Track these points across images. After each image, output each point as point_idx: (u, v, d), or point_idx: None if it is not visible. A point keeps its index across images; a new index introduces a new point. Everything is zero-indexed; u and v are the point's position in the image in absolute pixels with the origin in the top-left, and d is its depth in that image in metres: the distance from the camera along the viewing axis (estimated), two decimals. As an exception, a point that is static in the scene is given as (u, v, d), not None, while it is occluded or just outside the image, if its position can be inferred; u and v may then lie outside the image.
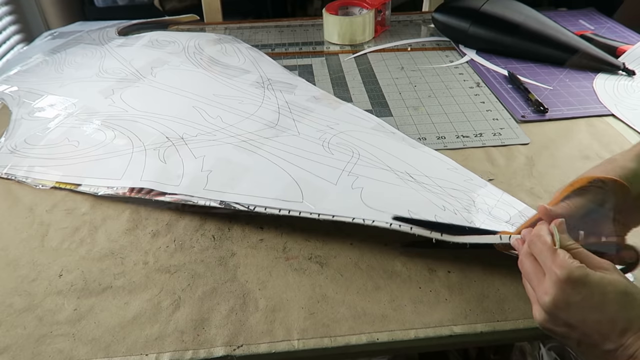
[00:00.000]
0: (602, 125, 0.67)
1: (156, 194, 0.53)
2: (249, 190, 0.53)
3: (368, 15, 0.93)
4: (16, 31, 1.20)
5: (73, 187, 0.57)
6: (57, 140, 0.63)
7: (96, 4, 1.46)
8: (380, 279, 0.46)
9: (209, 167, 0.56)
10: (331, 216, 0.48)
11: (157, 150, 0.60)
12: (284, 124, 0.64)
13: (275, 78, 0.78)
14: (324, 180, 0.53)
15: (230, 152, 0.59)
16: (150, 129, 0.64)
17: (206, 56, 0.84)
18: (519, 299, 0.43)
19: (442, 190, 0.52)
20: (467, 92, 0.76)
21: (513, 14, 0.84)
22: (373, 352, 0.42)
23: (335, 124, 0.64)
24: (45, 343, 0.41)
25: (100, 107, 0.69)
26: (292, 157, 0.57)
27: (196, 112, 0.67)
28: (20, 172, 0.59)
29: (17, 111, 0.71)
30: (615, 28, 0.96)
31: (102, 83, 0.76)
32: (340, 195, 0.51)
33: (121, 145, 0.61)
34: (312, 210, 0.49)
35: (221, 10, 1.11)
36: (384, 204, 0.49)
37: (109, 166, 0.58)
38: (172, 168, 0.56)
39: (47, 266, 0.48)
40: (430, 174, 0.54)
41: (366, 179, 0.53)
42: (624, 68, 0.78)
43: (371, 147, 0.59)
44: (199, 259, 0.48)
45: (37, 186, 0.57)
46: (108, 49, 0.87)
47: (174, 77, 0.77)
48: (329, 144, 0.60)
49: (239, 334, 0.41)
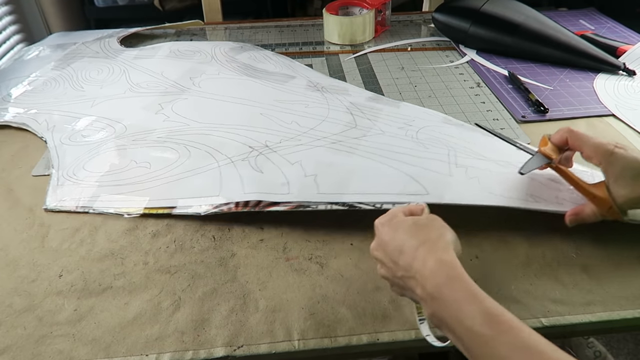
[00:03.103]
0: (602, 125, 0.67)
1: (266, 205, 0.51)
2: (364, 189, 0.52)
3: (368, 15, 0.93)
4: (16, 31, 1.20)
5: (167, 211, 0.53)
6: (122, 165, 0.59)
7: (96, 3, 1.46)
8: (380, 279, 0.45)
9: (312, 172, 0.55)
10: (466, 204, 0.49)
11: (245, 161, 0.57)
12: (362, 124, 0.64)
13: (323, 81, 0.77)
14: (437, 173, 0.54)
15: (326, 154, 0.58)
16: (227, 140, 0.61)
17: (241, 64, 0.82)
18: (519, 299, 0.43)
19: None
20: (467, 92, 0.76)
21: (513, 14, 0.84)
22: (373, 353, 0.42)
23: (411, 121, 0.65)
24: (45, 343, 0.41)
25: (155, 123, 0.66)
26: (392, 154, 0.57)
27: (267, 119, 0.66)
28: (98, 204, 0.54)
29: (53, 136, 0.66)
30: (616, 28, 0.96)
31: (143, 98, 0.72)
32: (461, 185, 0.52)
33: (202, 161, 0.58)
34: (442, 201, 0.50)
35: (221, 10, 1.11)
36: (505, 188, 0.51)
37: (198, 183, 0.55)
38: (272, 177, 0.55)
39: (47, 266, 0.48)
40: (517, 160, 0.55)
41: (475, 169, 0.54)
42: (625, 68, 0.78)
43: (458, 140, 0.60)
44: (199, 259, 0.48)
45: (124, 215, 0.53)
46: (124, 62, 0.84)
47: (221, 86, 0.75)
48: (418, 140, 0.60)
49: (239, 334, 0.41)
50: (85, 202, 0.55)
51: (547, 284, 0.45)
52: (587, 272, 0.46)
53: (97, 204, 0.54)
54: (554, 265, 0.46)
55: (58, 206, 0.55)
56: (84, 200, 0.55)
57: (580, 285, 0.45)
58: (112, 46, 0.91)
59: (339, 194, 0.52)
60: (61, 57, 0.88)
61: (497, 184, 0.52)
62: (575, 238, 0.49)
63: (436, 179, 0.53)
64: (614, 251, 0.48)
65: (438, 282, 0.35)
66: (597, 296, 0.44)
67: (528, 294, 0.44)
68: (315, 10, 1.60)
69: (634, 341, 1.10)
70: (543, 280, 0.45)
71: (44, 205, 0.55)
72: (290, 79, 0.78)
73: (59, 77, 0.81)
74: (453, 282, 0.34)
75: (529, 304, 0.43)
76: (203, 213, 0.52)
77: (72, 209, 0.54)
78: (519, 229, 0.50)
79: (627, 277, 0.45)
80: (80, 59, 0.87)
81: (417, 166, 0.55)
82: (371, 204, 0.50)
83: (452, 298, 0.34)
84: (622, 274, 0.46)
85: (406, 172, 0.54)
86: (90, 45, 0.92)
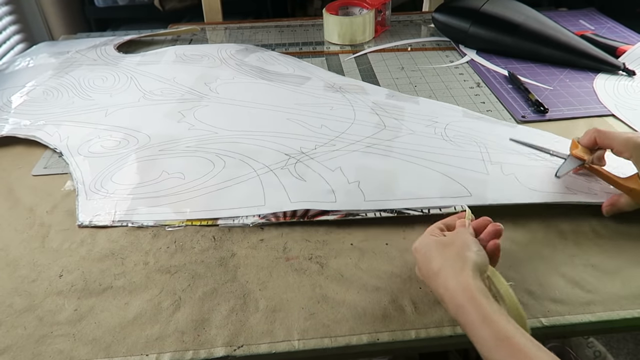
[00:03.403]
0: (602, 125, 0.67)
1: (315, 214, 0.51)
2: (408, 194, 0.52)
3: (368, 15, 0.93)
4: (16, 31, 1.20)
5: (210, 223, 0.51)
6: (153, 176, 0.57)
7: (96, 3, 1.46)
8: (380, 279, 0.46)
9: (354, 178, 0.55)
10: (509, 203, 0.51)
11: (284, 169, 0.56)
12: (391, 125, 0.65)
13: (338, 81, 0.77)
14: (475, 171, 0.55)
15: (364, 159, 0.58)
16: (260, 148, 0.60)
17: (252, 66, 0.82)
18: (519, 299, 0.43)
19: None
20: (467, 92, 0.76)
21: (513, 14, 0.84)
22: (373, 353, 0.42)
23: (435, 117, 0.66)
24: (46, 343, 0.41)
25: (179, 132, 0.65)
26: (427, 155, 0.58)
27: (295, 124, 0.65)
28: (137, 217, 0.52)
29: (69, 148, 0.63)
30: (616, 28, 0.96)
31: (160, 106, 0.71)
32: (499, 183, 0.53)
33: (238, 170, 0.57)
34: (486, 202, 0.51)
35: (221, 10, 1.11)
36: (543, 183, 0.53)
37: (239, 194, 0.54)
38: (315, 185, 0.54)
39: (48, 267, 0.48)
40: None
41: (509, 165, 0.56)
42: (624, 68, 0.78)
43: (485, 134, 0.62)
44: (199, 259, 0.48)
45: (166, 228, 0.51)
46: (128, 69, 0.82)
47: (238, 91, 0.74)
48: (448, 138, 0.61)
49: (239, 334, 0.41)
50: (122, 216, 0.52)
51: (547, 283, 0.45)
52: (587, 272, 0.46)
53: (135, 217, 0.52)
54: (554, 265, 0.47)
55: (94, 221, 0.52)
56: (120, 213, 0.53)
57: (580, 285, 0.45)
58: (110, 53, 0.89)
59: (385, 200, 0.52)
60: (56, 66, 0.85)
61: (534, 178, 0.54)
62: (575, 238, 0.49)
63: (475, 178, 0.54)
64: (614, 251, 0.48)
65: (456, 304, 0.36)
66: (597, 296, 0.44)
67: (528, 294, 0.44)
68: (315, 10, 1.60)
69: (634, 341, 1.10)
70: (543, 280, 0.45)
71: (77, 222, 0.52)
72: (306, 81, 0.77)
73: (59, 86, 0.78)
74: (467, 306, 0.35)
75: (529, 304, 0.43)
76: (251, 224, 0.51)
77: (108, 223, 0.52)
78: (518, 228, 0.50)
79: (627, 277, 0.45)
80: (77, 67, 0.84)
81: (453, 166, 0.56)
82: (418, 209, 0.51)
83: (467, 321, 0.34)
84: (622, 274, 0.46)
85: (444, 173, 0.55)
86: (86, 53, 0.89)
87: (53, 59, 0.88)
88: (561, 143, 0.61)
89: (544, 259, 0.47)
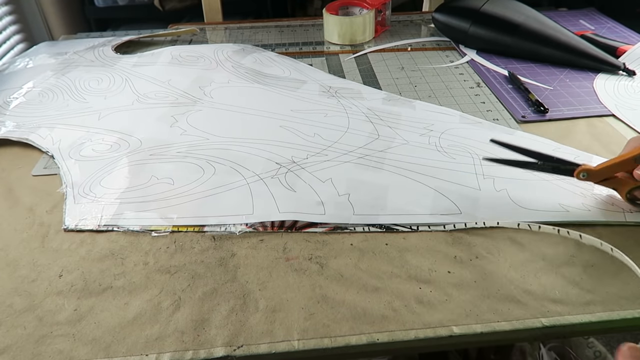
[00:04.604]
0: (602, 125, 0.67)
1: (304, 226, 0.51)
2: (398, 209, 0.52)
3: (368, 15, 0.93)
4: (16, 31, 1.20)
5: (197, 230, 0.51)
6: (142, 181, 0.56)
7: (96, 3, 1.46)
8: (380, 279, 0.46)
9: (344, 191, 0.54)
10: (496, 223, 0.49)
11: (275, 178, 0.56)
12: (384, 134, 0.63)
13: (334, 84, 0.76)
14: (466, 187, 0.54)
15: (355, 171, 0.57)
16: (251, 155, 0.60)
17: (248, 69, 0.81)
18: (519, 299, 0.43)
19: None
20: (467, 92, 0.76)
21: (513, 14, 0.84)
22: (373, 353, 0.42)
23: (430, 125, 0.64)
24: (45, 343, 0.41)
25: (171, 137, 0.64)
26: (419, 168, 0.57)
27: (288, 132, 0.64)
28: (123, 222, 0.52)
29: (61, 152, 0.63)
30: (616, 28, 0.96)
31: (153, 110, 0.70)
32: (490, 200, 0.52)
33: (228, 177, 0.56)
34: (476, 221, 0.50)
35: (221, 11, 1.11)
36: (535, 199, 0.51)
37: (228, 201, 0.53)
38: (305, 196, 0.54)
39: (47, 267, 0.48)
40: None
41: (502, 180, 0.54)
42: (625, 68, 0.78)
43: (480, 144, 0.60)
44: (199, 259, 0.48)
45: (152, 234, 0.51)
46: (124, 70, 0.82)
47: (233, 95, 0.74)
48: (442, 148, 0.60)
49: (239, 334, 0.41)
50: (108, 220, 0.52)
51: (547, 284, 0.45)
52: (587, 272, 0.46)
53: (121, 222, 0.52)
54: (554, 265, 0.47)
55: (79, 226, 0.52)
56: (107, 218, 0.52)
57: (580, 285, 0.45)
58: (107, 54, 0.88)
59: (374, 215, 0.51)
60: (55, 67, 0.84)
61: (526, 193, 0.52)
62: (575, 238, 0.49)
63: (466, 195, 0.53)
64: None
65: None
66: (597, 296, 0.44)
67: (528, 294, 0.44)
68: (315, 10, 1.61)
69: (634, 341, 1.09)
70: (543, 280, 0.45)
71: (63, 226, 0.52)
72: (302, 85, 0.77)
73: (54, 88, 0.77)
74: None
75: (529, 304, 0.43)
76: (238, 233, 0.51)
77: (94, 227, 0.52)
78: (518, 228, 0.50)
79: (627, 277, 0.45)
80: (75, 68, 0.84)
81: (445, 180, 0.55)
82: (407, 226, 0.50)
83: None
84: (622, 274, 0.46)
85: (435, 188, 0.54)
86: (84, 54, 0.89)
87: (52, 59, 0.88)
88: (561, 150, 0.60)
89: (544, 258, 0.47)
